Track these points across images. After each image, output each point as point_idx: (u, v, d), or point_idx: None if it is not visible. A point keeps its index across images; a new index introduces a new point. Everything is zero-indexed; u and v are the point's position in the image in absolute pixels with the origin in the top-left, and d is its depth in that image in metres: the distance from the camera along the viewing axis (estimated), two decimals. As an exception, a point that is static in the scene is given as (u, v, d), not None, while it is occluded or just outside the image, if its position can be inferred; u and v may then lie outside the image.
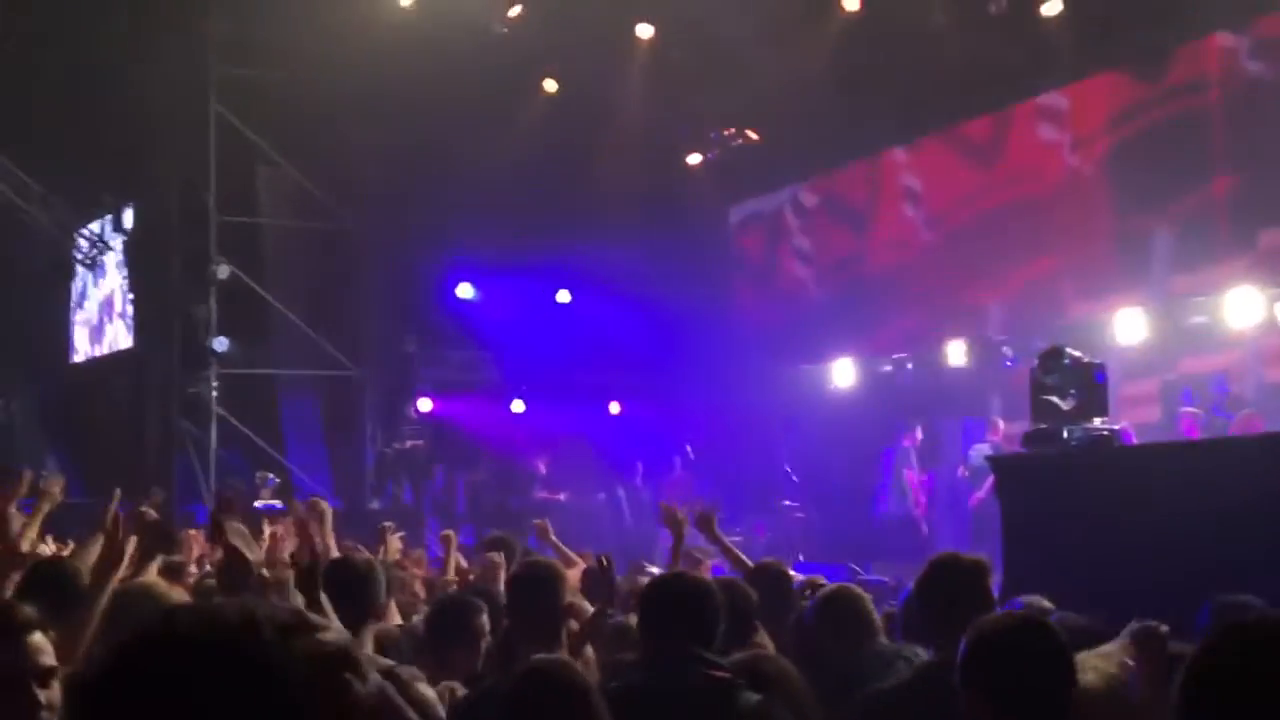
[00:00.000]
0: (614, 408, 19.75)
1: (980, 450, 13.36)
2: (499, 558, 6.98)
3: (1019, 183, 15.07)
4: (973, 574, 3.88)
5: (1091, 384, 7.78)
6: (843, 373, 17.06)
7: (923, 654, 4.19)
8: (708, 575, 5.51)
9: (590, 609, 4.99)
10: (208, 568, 7.54)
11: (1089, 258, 14.11)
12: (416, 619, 5.61)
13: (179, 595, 4.35)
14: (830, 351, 17.17)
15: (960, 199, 15.93)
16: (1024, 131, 15.07)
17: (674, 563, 6.15)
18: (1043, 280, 14.67)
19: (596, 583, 5.13)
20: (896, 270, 16.74)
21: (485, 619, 4.80)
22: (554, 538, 7.48)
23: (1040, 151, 14.77)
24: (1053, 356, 7.94)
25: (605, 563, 4.97)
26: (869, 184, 17.44)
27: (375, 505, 17.29)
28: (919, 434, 15.31)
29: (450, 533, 7.62)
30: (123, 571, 4.10)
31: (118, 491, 7.36)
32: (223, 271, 17.05)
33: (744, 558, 6.38)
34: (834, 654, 4.33)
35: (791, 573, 5.91)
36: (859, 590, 4.72)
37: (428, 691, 3.78)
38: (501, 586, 6.06)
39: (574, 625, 4.63)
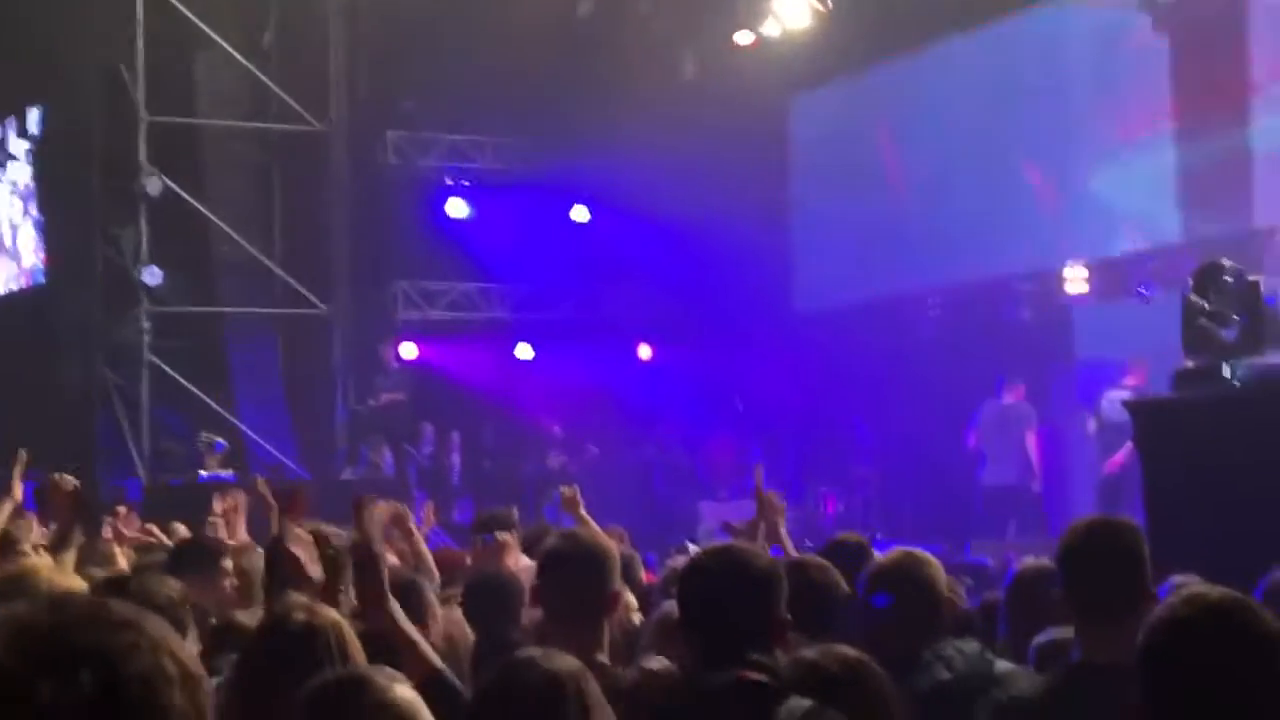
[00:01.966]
0: (644, 352, 19.88)
1: (1115, 398, 13.11)
2: (510, 537, 6.92)
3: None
4: (1135, 542, 3.85)
5: (1259, 308, 7.63)
6: (925, 307, 17.16)
7: (965, 648, 4.29)
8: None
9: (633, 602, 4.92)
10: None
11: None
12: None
13: (72, 584, 4.43)
14: (913, 280, 17.15)
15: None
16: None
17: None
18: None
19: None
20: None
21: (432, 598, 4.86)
22: (583, 511, 7.45)
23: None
24: (1210, 274, 7.80)
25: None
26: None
27: (349, 475, 17.39)
28: (1021, 389, 15.34)
29: (399, 508, 7.27)
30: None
31: (23, 454, 7.34)
32: (154, 185, 17.00)
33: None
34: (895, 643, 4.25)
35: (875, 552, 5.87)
36: (923, 556, 4.60)
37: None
38: (506, 572, 6.28)
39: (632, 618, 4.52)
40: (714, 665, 3.52)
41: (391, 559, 7.41)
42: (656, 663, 4.12)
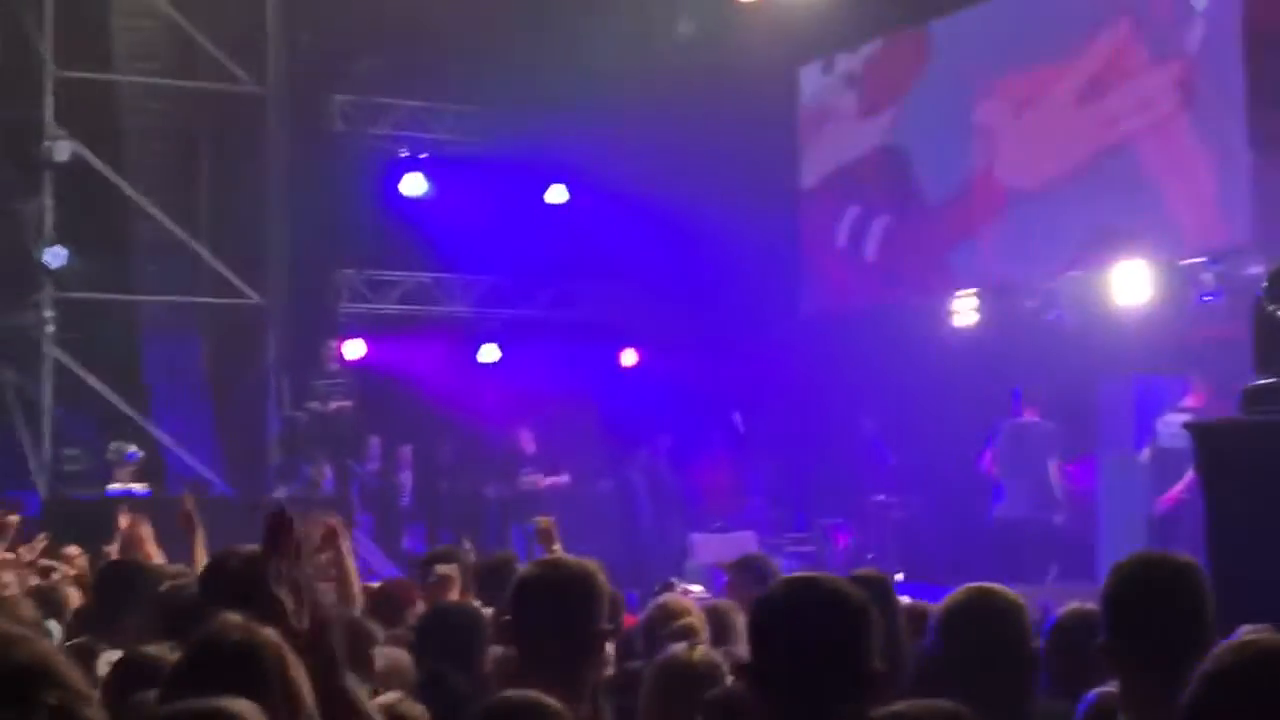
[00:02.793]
0: (628, 357, 19.91)
1: (1174, 421, 13.15)
2: (452, 570, 6.96)
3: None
4: (1197, 584, 3.86)
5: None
6: (964, 310, 17.07)
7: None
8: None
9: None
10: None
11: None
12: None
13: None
14: (939, 279, 17.13)
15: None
16: None
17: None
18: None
19: None
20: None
21: None
22: (558, 545, 7.46)
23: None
24: (1287, 278, 7.79)
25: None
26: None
27: (281, 493, 17.05)
28: (1038, 406, 15.51)
29: (331, 522, 7.39)
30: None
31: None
32: (62, 151, 16.93)
33: None
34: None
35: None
36: (1010, 596, 4.50)
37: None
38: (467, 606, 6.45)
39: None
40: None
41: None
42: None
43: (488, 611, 6.16)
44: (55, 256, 17.00)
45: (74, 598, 8.00)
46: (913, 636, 5.58)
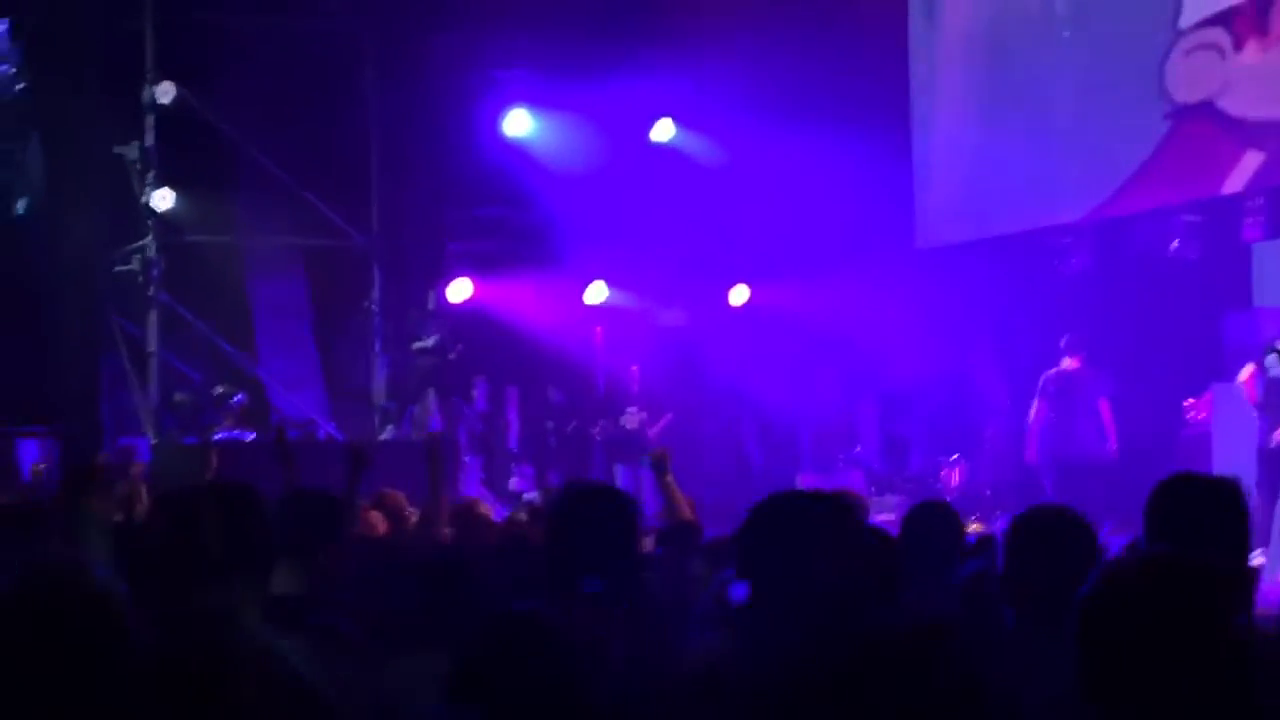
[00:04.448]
0: (738, 295, 19.80)
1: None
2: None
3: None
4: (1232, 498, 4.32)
5: None
6: (1071, 243, 16.91)
7: None
8: None
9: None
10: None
11: None
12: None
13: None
14: (1058, 209, 16.93)
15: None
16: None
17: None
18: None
19: None
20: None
21: None
22: (670, 476, 7.66)
23: None
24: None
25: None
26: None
27: (388, 435, 17.54)
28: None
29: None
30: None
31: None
32: (165, 93, 17.03)
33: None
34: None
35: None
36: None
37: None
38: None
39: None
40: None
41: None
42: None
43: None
44: (161, 200, 17.14)
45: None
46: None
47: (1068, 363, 15.60)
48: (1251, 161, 15.02)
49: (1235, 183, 15.19)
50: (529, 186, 19.14)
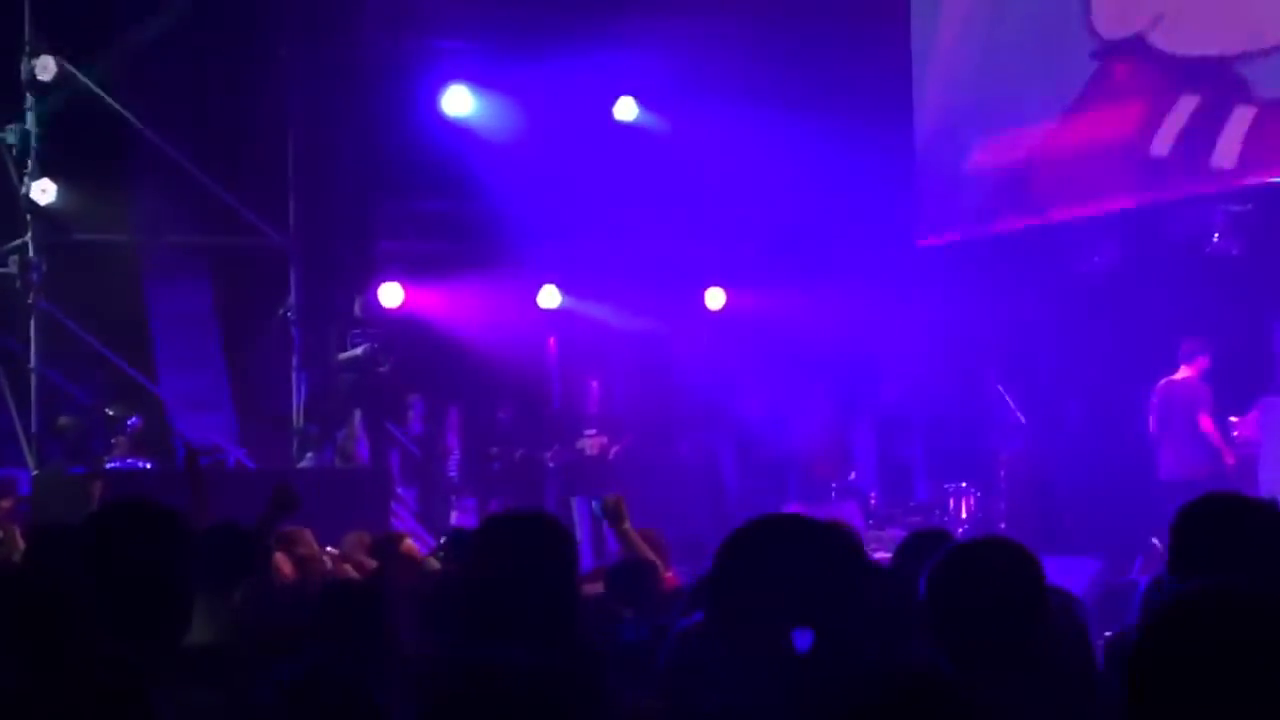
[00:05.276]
0: (714, 299, 19.59)
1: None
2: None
3: None
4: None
5: None
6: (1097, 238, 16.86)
7: None
8: None
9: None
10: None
11: None
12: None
13: None
14: (1081, 201, 16.65)
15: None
16: None
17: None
18: None
19: None
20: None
21: None
22: (628, 525, 7.90)
23: None
24: None
25: None
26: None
27: (307, 461, 17.36)
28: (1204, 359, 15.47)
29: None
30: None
31: None
32: (45, 68, 16.74)
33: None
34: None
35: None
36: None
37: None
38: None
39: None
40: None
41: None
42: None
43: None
44: (43, 192, 16.85)
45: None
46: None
47: (1184, 372, 15.54)
48: (1186, 106, 15.52)
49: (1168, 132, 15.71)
50: (472, 175, 18.83)
